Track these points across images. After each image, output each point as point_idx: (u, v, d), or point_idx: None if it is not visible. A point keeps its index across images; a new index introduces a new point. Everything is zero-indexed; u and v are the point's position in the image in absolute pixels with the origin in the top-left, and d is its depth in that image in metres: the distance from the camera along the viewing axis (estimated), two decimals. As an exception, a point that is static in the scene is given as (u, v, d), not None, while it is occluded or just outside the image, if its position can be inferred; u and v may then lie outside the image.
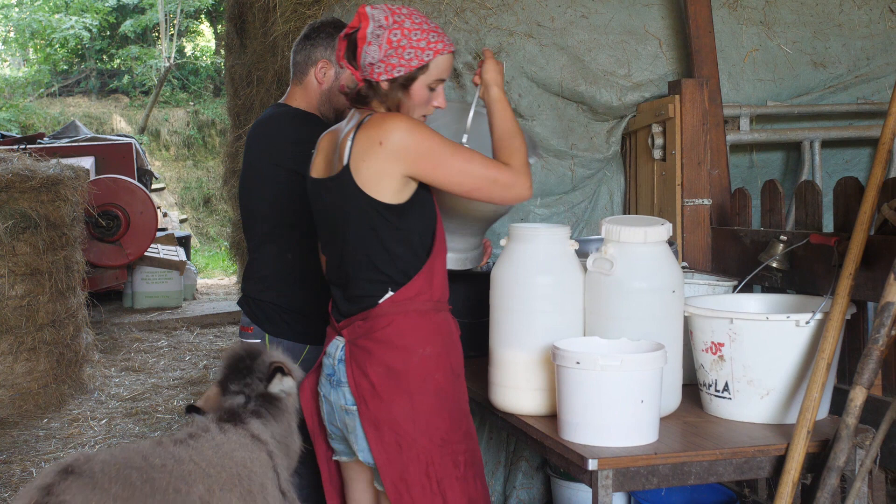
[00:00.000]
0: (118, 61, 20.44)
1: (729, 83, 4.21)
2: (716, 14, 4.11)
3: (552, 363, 2.57)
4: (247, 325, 3.19)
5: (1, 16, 19.96)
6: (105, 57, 20.53)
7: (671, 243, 2.97)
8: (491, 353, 2.85)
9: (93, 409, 6.40)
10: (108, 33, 20.14)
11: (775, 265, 3.20)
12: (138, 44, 20.02)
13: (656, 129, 3.97)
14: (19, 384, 6.29)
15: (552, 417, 2.66)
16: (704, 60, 3.96)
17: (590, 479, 2.43)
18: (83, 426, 6.03)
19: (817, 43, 4.33)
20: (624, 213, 4.33)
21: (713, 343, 2.76)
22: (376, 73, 2.53)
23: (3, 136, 11.37)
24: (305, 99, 3.23)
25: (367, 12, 2.53)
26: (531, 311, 2.73)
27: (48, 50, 19.66)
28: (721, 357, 2.75)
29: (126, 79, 19.89)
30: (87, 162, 9.73)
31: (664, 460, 2.45)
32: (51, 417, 6.21)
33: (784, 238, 3.19)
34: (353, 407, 2.57)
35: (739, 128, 4.15)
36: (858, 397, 2.49)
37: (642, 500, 3.48)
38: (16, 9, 19.74)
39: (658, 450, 2.46)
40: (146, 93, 19.37)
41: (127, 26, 19.41)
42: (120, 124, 18.18)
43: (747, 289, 3.31)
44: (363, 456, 2.59)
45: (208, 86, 20.06)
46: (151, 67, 19.28)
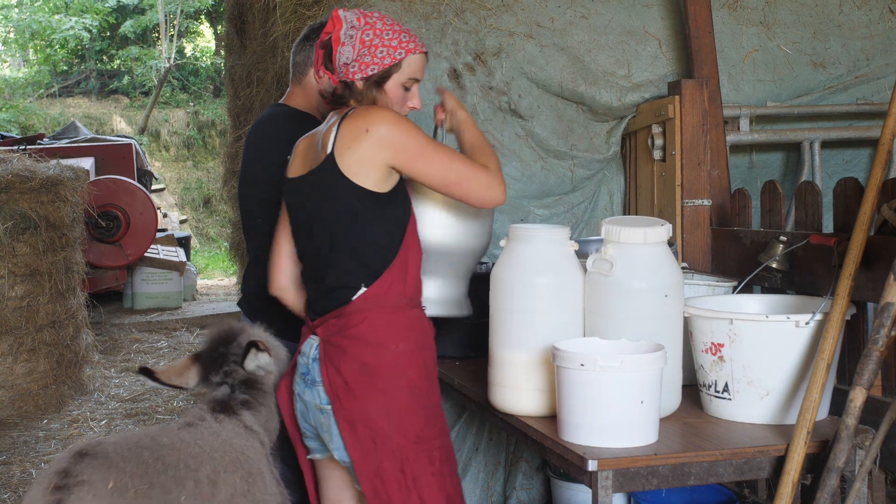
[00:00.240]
0: (118, 62, 20.44)
1: (729, 84, 4.21)
2: (715, 15, 4.11)
3: (552, 364, 2.57)
4: (246, 326, 3.19)
5: (1, 16, 19.96)
6: (105, 58, 20.54)
7: (671, 244, 2.96)
8: (491, 354, 2.85)
9: (93, 410, 6.40)
10: (108, 34, 20.14)
11: (775, 266, 3.20)
12: (138, 44, 20.02)
13: (656, 130, 3.97)
14: (19, 385, 6.28)
15: (552, 418, 2.66)
16: (704, 61, 3.96)
17: (589, 480, 2.42)
18: (83, 427, 6.02)
19: (817, 43, 4.33)
20: (624, 214, 4.33)
21: (713, 344, 2.76)
22: (351, 73, 2.59)
23: (3, 137, 11.36)
24: (304, 99, 3.24)
25: (340, 15, 2.60)
26: (531, 312, 2.73)
27: (48, 51, 19.66)
28: (721, 358, 2.75)
29: (126, 79, 19.89)
30: (87, 163, 9.73)
31: (664, 461, 2.45)
32: (50, 418, 6.21)
33: (784, 239, 3.19)
34: (328, 406, 2.57)
35: (739, 128, 4.15)
36: (858, 398, 2.49)
37: (642, 501, 3.48)
38: (16, 9, 19.74)
39: (658, 450, 2.46)
40: (146, 93, 19.38)
41: (127, 27, 19.42)
42: (120, 125, 18.18)
43: (747, 289, 3.30)
44: (339, 454, 2.60)
45: (208, 86, 20.06)
46: (151, 68, 19.29)
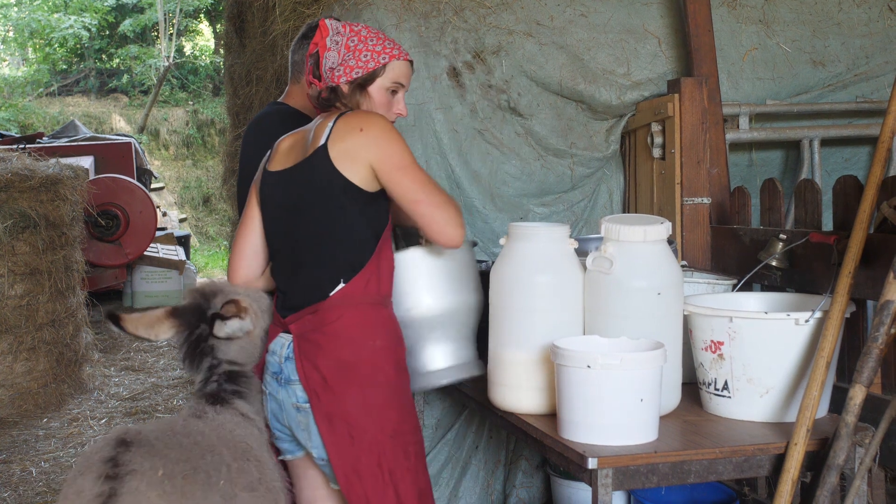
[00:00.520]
0: (117, 61, 20.44)
1: (728, 82, 4.21)
2: (715, 13, 4.11)
3: (552, 362, 2.57)
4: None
5: (0, 15, 19.95)
6: (104, 56, 20.53)
7: (671, 242, 2.96)
8: (490, 353, 2.85)
9: (92, 409, 6.40)
10: (108, 33, 20.14)
11: (775, 264, 3.20)
12: (137, 43, 20.02)
13: (655, 128, 3.97)
14: (19, 384, 6.28)
15: (552, 416, 2.66)
16: (704, 59, 3.96)
17: (589, 478, 2.42)
18: (83, 426, 6.02)
19: (816, 41, 4.33)
20: (623, 212, 4.33)
21: (713, 341, 2.76)
22: (336, 77, 2.65)
23: (3, 136, 11.37)
24: (303, 98, 3.24)
25: (326, 23, 2.67)
26: (531, 310, 2.73)
27: (47, 49, 19.66)
28: (721, 355, 2.75)
29: (125, 78, 19.89)
30: (87, 161, 9.74)
31: (664, 459, 2.45)
32: (50, 417, 6.21)
33: (783, 236, 3.19)
34: (306, 404, 2.57)
35: (739, 126, 4.15)
36: (858, 395, 2.49)
37: (642, 499, 3.48)
38: (15, 8, 19.73)
39: (658, 448, 2.46)
40: (145, 92, 19.38)
41: (126, 26, 19.41)
42: (119, 124, 18.18)
43: (747, 287, 3.30)
44: (317, 452, 2.60)
45: (207, 85, 20.07)
46: (151, 67, 19.29)
